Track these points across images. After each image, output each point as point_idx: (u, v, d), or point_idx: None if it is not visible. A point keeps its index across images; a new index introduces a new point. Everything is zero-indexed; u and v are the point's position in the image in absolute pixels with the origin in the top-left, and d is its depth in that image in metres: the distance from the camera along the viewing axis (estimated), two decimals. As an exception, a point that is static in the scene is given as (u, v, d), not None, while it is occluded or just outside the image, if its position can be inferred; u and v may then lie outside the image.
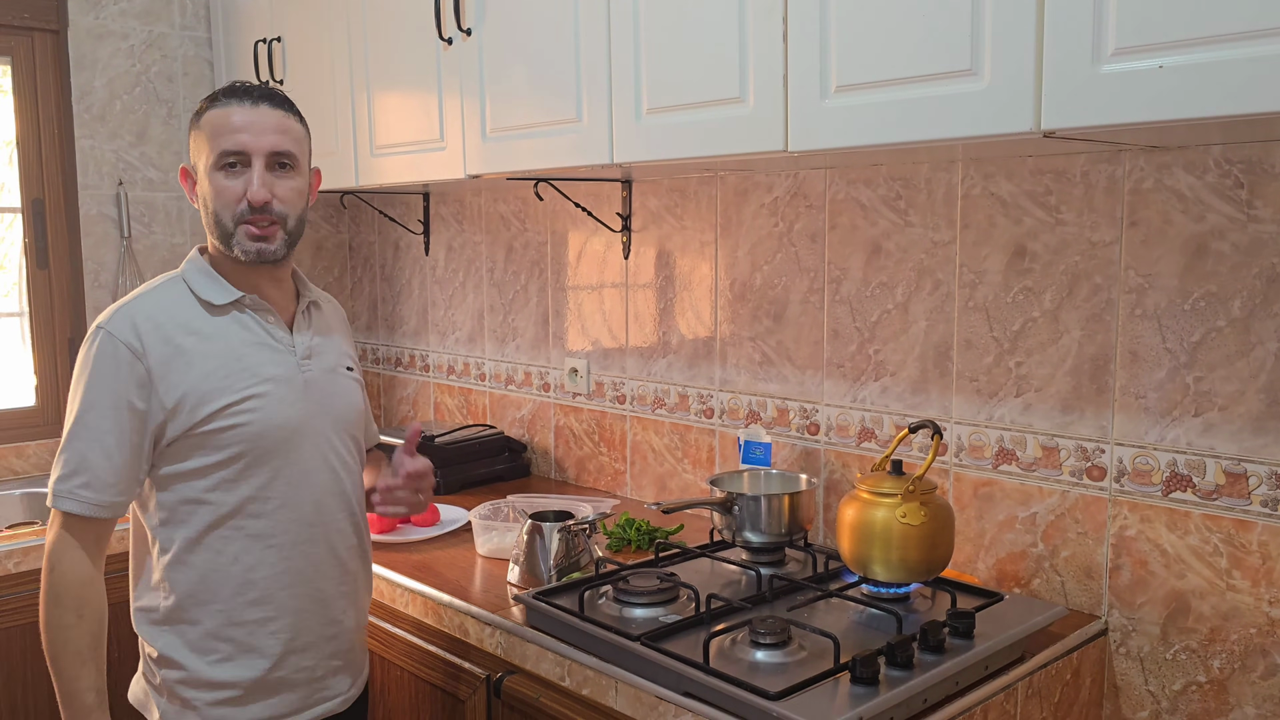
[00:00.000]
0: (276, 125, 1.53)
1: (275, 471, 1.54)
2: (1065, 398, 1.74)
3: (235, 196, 1.51)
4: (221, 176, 1.52)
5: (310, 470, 1.58)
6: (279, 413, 1.54)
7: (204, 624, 1.53)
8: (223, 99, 1.54)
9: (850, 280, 2.01)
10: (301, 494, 1.57)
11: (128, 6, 2.86)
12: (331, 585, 1.61)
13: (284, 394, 1.55)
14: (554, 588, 1.76)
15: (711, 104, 1.68)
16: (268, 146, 1.52)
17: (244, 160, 1.51)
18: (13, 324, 2.87)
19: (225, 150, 1.51)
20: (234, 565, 1.53)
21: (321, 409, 1.60)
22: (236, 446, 1.51)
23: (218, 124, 1.51)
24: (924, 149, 1.65)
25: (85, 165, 2.82)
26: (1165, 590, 1.65)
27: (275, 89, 1.58)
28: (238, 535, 1.53)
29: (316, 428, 1.59)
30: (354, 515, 1.66)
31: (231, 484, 1.52)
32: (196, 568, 1.52)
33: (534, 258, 2.71)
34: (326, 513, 1.60)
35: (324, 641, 1.61)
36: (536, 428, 2.76)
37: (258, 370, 1.54)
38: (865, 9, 1.46)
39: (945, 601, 1.65)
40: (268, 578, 1.55)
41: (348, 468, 1.65)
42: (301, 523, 1.57)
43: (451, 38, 2.16)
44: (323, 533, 1.60)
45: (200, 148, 1.54)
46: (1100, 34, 1.24)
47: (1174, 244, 1.60)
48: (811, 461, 2.12)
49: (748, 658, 1.47)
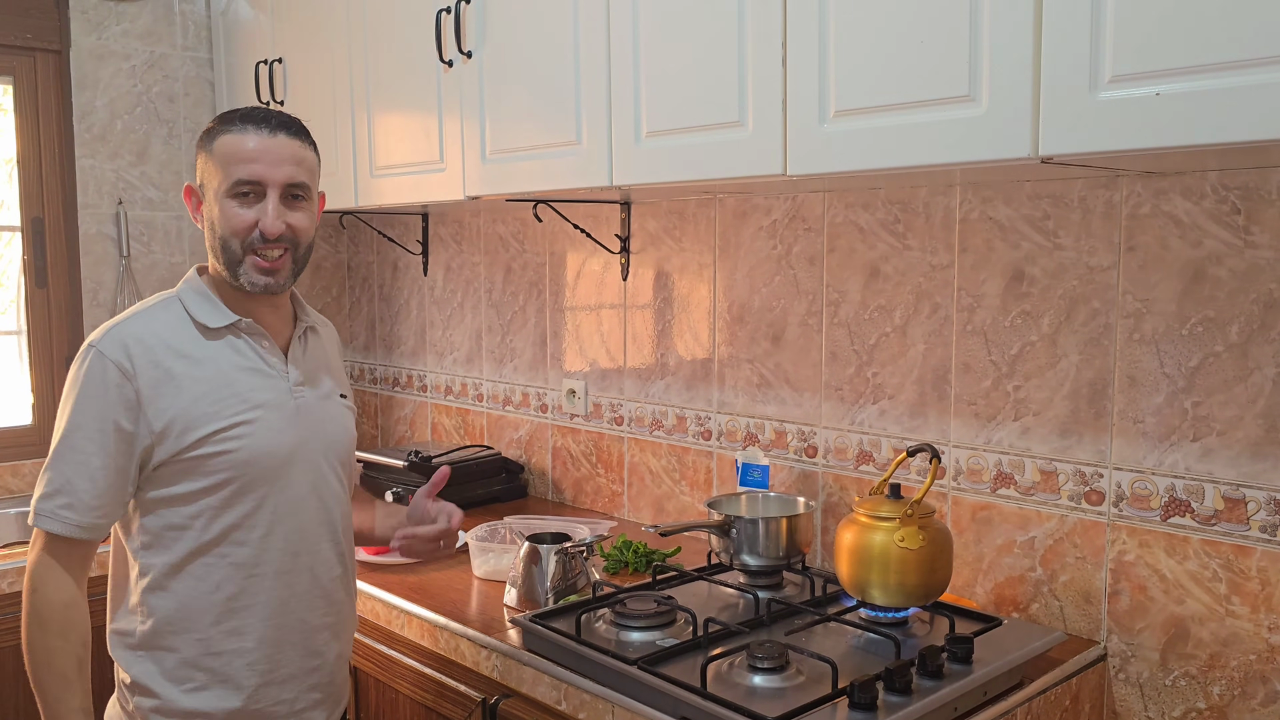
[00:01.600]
0: (293, 156, 1.51)
1: (262, 499, 1.51)
2: (1063, 422, 1.74)
3: (246, 225, 1.49)
4: (234, 204, 1.49)
5: (298, 499, 1.55)
6: (268, 440, 1.51)
7: (180, 652, 1.50)
8: (239, 124, 1.50)
9: (848, 303, 2.02)
10: (288, 523, 1.54)
11: (130, 27, 2.87)
12: (315, 616, 1.58)
13: (274, 421, 1.53)
14: (551, 610, 1.75)
15: (711, 127, 1.68)
16: (284, 178, 1.50)
17: (258, 190, 1.49)
18: (10, 342, 2.87)
19: (240, 179, 1.48)
20: (215, 593, 1.50)
21: (313, 435, 1.57)
22: (224, 473, 1.48)
23: (232, 150, 1.49)
24: (922, 174, 1.66)
25: (85, 184, 2.83)
26: (1164, 616, 1.65)
27: (291, 117, 1.56)
28: (220, 563, 1.50)
29: (306, 455, 1.56)
30: (339, 545, 1.63)
31: (217, 511, 1.49)
32: (176, 594, 1.49)
33: (532, 279, 2.71)
34: (312, 542, 1.57)
35: (305, 674, 1.57)
36: (534, 449, 2.75)
37: (248, 396, 1.51)
38: (864, 34, 1.47)
39: (943, 626, 1.65)
40: (249, 607, 1.51)
41: (336, 497, 1.62)
42: (286, 552, 1.54)
43: (452, 60, 2.17)
44: (308, 563, 1.57)
45: (211, 171, 1.51)
46: (1097, 61, 1.25)
47: (1171, 269, 1.60)
48: (809, 484, 2.11)
49: (745, 682, 1.46)
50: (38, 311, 2.81)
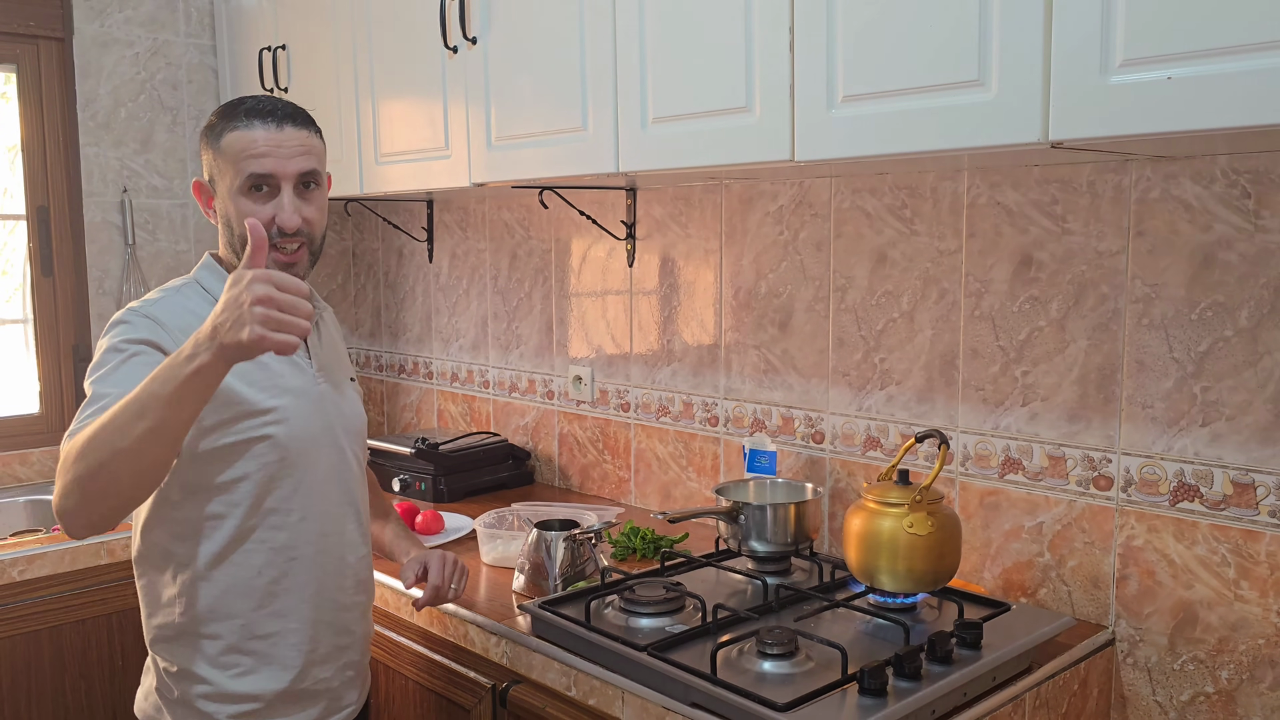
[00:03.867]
0: (302, 146, 1.51)
1: (297, 484, 1.53)
2: (1072, 407, 1.73)
3: (264, 220, 1.47)
4: (248, 201, 1.49)
5: (325, 481, 1.58)
6: (300, 426, 1.53)
7: (224, 638, 1.52)
8: (244, 120, 1.49)
9: (856, 289, 2.01)
10: (318, 506, 1.56)
11: (133, 14, 2.86)
12: (346, 596, 1.62)
13: (304, 407, 1.55)
14: (560, 597, 1.76)
15: (717, 113, 1.68)
16: (296, 170, 1.50)
17: (271, 184, 1.49)
18: (17, 331, 2.87)
19: (253, 174, 1.48)
20: (258, 578, 1.52)
21: (334, 421, 1.60)
22: (263, 457, 1.50)
23: (242, 147, 1.48)
24: (930, 159, 1.65)
25: (90, 172, 2.83)
26: (1173, 600, 1.65)
27: (295, 106, 1.55)
28: (261, 548, 1.52)
29: (331, 440, 1.59)
30: (362, 526, 1.66)
31: (258, 496, 1.50)
32: (219, 582, 1.51)
33: (538, 265, 2.71)
34: (340, 524, 1.61)
35: (339, 652, 1.61)
36: (540, 435, 2.75)
37: (279, 382, 1.53)
38: (872, 19, 1.46)
39: (952, 612, 1.65)
40: (289, 590, 1.54)
41: (357, 479, 1.66)
42: (319, 534, 1.57)
43: (457, 46, 2.16)
44: (336, 543, 1.60)
45: (222, 169, 1.51)
46: (1108, 45, 1.24)
47: (1181, 254, 1.60)
48: (817, 470, 2.11)
49: (755, 668, 1.46)
50: (44, 300, 2.81)
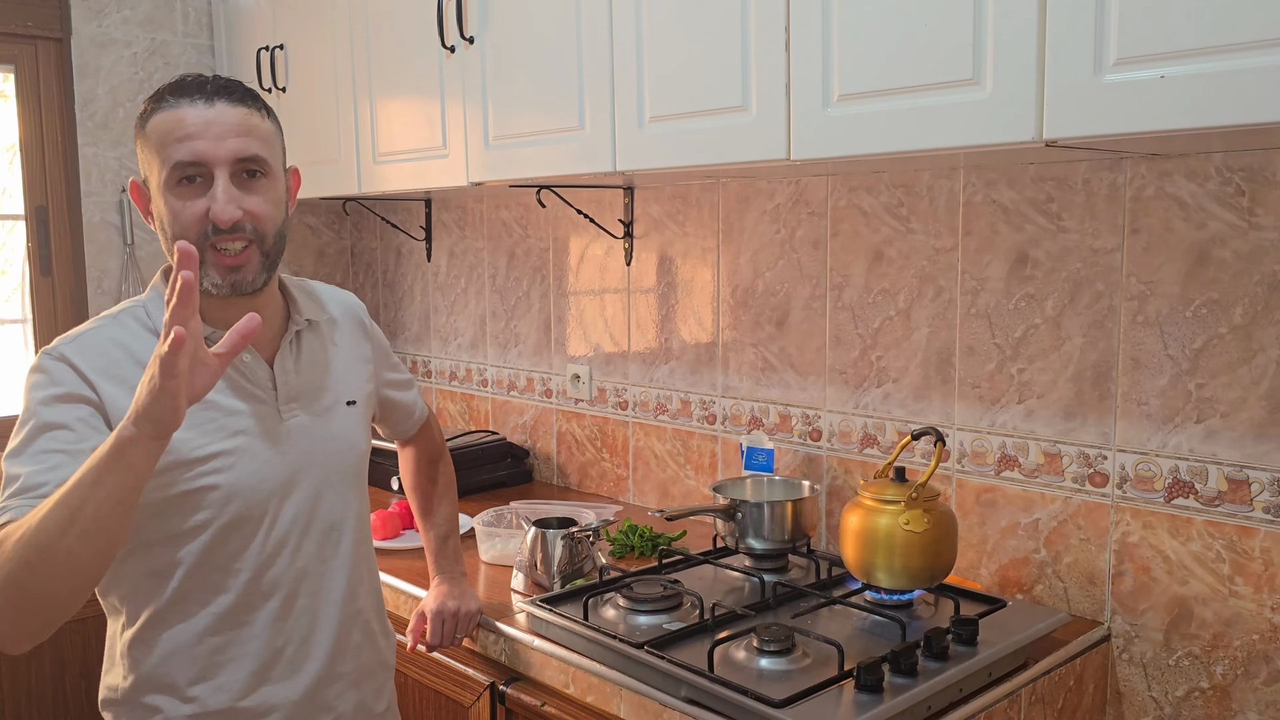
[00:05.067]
0: (238, 125, 1.27)
1: (248, 539, 1.33)
2: (1067, 404, 1.74)
3: (196, 217, 1.26)
4: (177, 196, 1.26)
5: (293, 535, 1.37)
6: (254, 471, 1.32)
7: (164, 711, 1.33)
8: (170, 98, 1.27)
9: (852, 287, 2.02)
10: (280, 564, 1.36)
11: (130, 15, 2.87)
12: (319, 666, 1.40)
13: (260, 450, 1.33)
14: (558, 594, 1.76)
15: (714, 112, 1.68)
16: (230, 153, 1.26)
17: (204, 173, 1.26)
18: (15, 331, 2.87)
19: (179, 162, 1.25)
20: (197, 646, 1.32)
21: (310, 460, 1.39)
22: (203, 513, 1.30)
23: (167, 129, 1.26)
24: (926, 157, 1.65)
25: (88, 172, 2.83)
26: (1168, 596, 1.65)
27: (234, 80, 1.32)
28: (202, 612, 1.32)
29: (303, 485, 1.38)
30: (354, 582, 1.45)
31: (201, 555, 1.31)
32: (158, 646, 1.32)
33: (536, 264, 2.71)
34: (313, 583, 1.40)
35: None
36: (539, 434, 2.76)
37: (227, 422, 1.31)
38: (868, 19, 1.46)
39: (948, 608, 1.66)
40: (236, 660, 1.34)
41: (346, 527, 1.44)
42: (277, 596, 1.36)
43: (454, 45, 2.16)
44: (308, 605, 1.39)
45: (150, 159, 1.29)
46: (1102, 44, 1.24)
47: (1176, 251, 1.61)
48: (814, 468, 2.12)
49: (752, 665, 1.47)
50: (43, 300, 2.82)
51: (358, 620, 1.47)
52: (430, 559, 1.82)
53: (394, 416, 1.74)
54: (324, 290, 1.56)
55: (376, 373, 1.61)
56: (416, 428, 1.80)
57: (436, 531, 1.81)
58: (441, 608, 1.72)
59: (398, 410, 1.73)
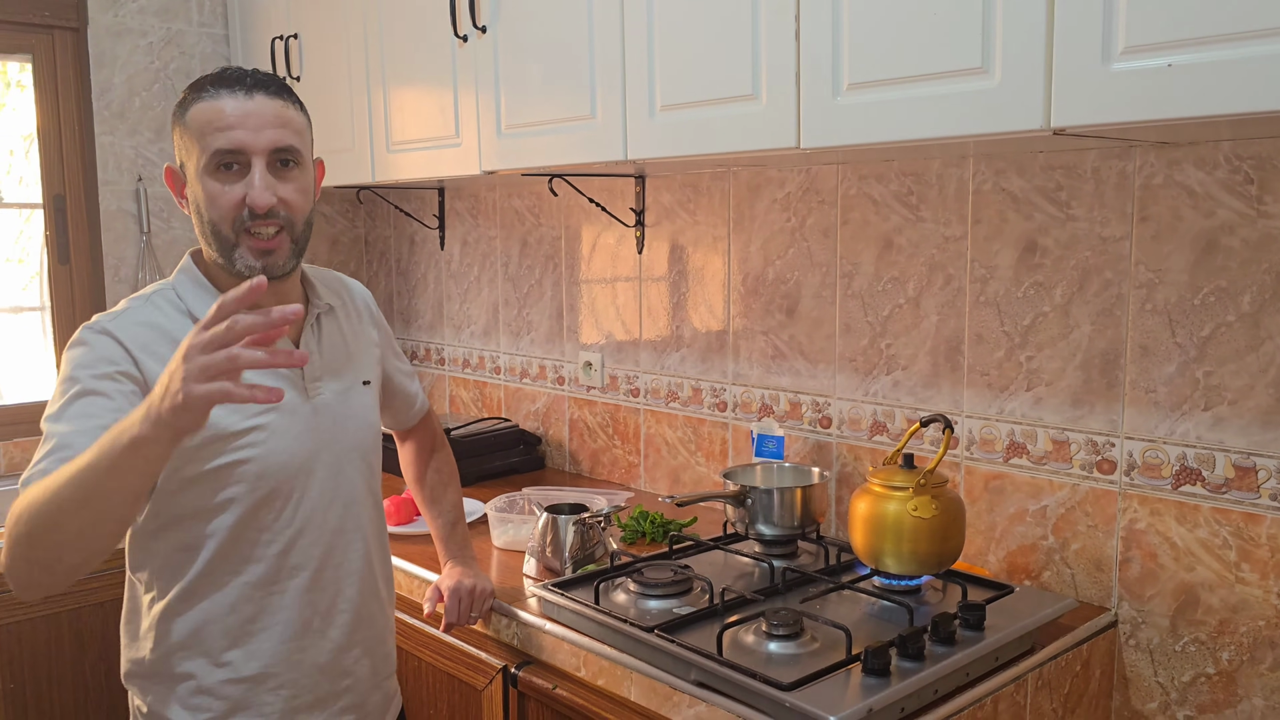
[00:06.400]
0: (275, 117, 1.35)
1: (279, 512, 1.40)
2: (1076, 392, 1.75)
3: (234, 202, 1.33)
4: (216, 181, 1.34)
5: (319, 509, 1.44)
6: (284, 447, 1.39)
7: (197, 678, 1.40)
8: (211, 89, 1.34)
9: (862, 275, 2.03)
10: (309, 536, 1.43)
11: (146, 4, 2.89)
12: (341, 634, 1.49)
13: (288, 426, 1.40)
14: (570, 579, 1.79)
15: (724, 101, 1.69)
16: (268, 143, 1.34)
17: (241, 160, 1.33)
18: (34, 318, 2.91)
19: (219, 149, 1.32)
20: (231, 615, 1.39)
21: (333, 438, 1.46)
22: (236, 486, 1.36)
23: (208, 119, 1.33)
24: (935, 146, 1.66)
25: (105, 161, 2.86)
26: (1175, 583, 1.66)
27: (271, 74, 1.40)
28: (235, 583, 1.39)
29: (327, 460, 1.45)
30: (369, 554, 1.53)
31: (234, 528, 1.38)
32: (191, 617, 1.39)
33: (548, 252, 2.73)
34: (338, 554, 1.47)
35: (333, 696, 1.49)
36: (551, 421, 2.78)
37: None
38: (877, 8, 1.47)
39: (956, 594, 1.67)
40: (267, 629, 1.41)
41: (363, 501, 1.51)
42: (307, 568, 1.44)
43: (467, 35, 2.18)
44: (332, 577, 1.47)
45: (189, 146, 1.36)
46: (1110, 32, 1.25)
47: (1184, 239, 1.61)
48: (824, 455, 2.14)
49: (761, 649, 1.49)
50: (60, 287, 2.85)
51: (374, 591, 1.55)
52: (440, 546, 1.85)
53: (396, 404, 1.78)
54: (336, 277, 1.64)
55: (384, 358, 1.69)
56: (417, 419, 1.85)
57: (444, 519, 1.85)
58: (458, 586, 1.76)
59: (401, 397, 1.78)
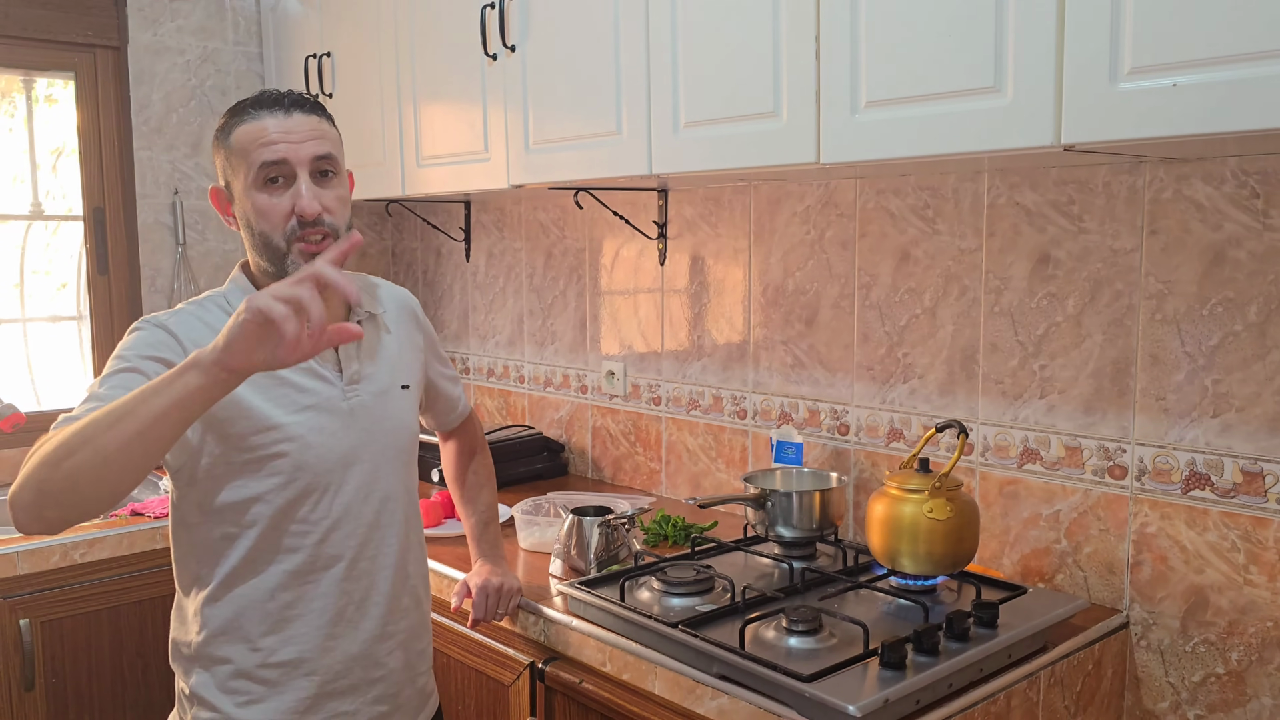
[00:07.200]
0: (313, 130, 1.44)
1: (316, 504, 1.47)
2: (1088, 399, 1.80)
3: (283, 213, 1.42)
4: (264, 194, 1.42)
5: (355, 504, 1.51)
6: (322, 443, 1.46)
7: (234, 662, 1.47)
8: (252, 110, 1.44)
9: (880, 286, 2.09)
10: (344, 528, 1.50)
11: (184, 24, 2.98)
12: (375, 625, 1.54)
13: (327, 423, 1.47)
14: (595, 578, 1.84)
15: (746, 118, 1.76)
16: (309, 154, 1.43)
17: (286, 173, 1.42)
18: (71, 328, 2.99)
19: (266, 162, 1.41)
20: (269, 602, 1.46)
21: (370, 438, 1.52)
22: (275, 478, 1.44)
23: (252, 137, 1.42)
24: (951, 161, 1.72)
25: (143, 175, 2.95)
26: (1185, 585, 1.71)
27: (303, 94, 1.49)
28: (275, 571, 1.46)
29: (364, 458, 1.51)
30: (405, 550, 1.58)
31: (272, 518, 1.45)
32: (231, 603, 1.46)
33: (572, 264, 2.80)
34: (372, 548, 1.53)
35: (366, 685, 1.54)
36: (574, 428, 2.84)
37: (298, 398, 1.45)
38: (894, 29, 1.53)
39: (970, 594, 1.72)
40: (303, 615, 1.48)
41: (399, 498, 1.57)
42: (343, 559, 1.50)
43: (496, 53, 2.25)
44: (367, 569, 1.53)
45: (235, 165, 1.44)
46: (1117, 54, 1.31)
47: (1193, 252, 1.66)
48: (842, 461, 2.19)
49: (781, 644, 1.54)
50: (99, 298, 2.93)
51: (407, 585, 1.60)
52: (472, 543, 1.91)
53: (439, 406, 1.84)
54: (380, 284, 1.68)
55: (427, 362, 1.75)
56: (459, 421, 1.90)
57: (478, 518, 1.91)
58: (485, 583, 1.83)
59: (443, 400, 1.84)
